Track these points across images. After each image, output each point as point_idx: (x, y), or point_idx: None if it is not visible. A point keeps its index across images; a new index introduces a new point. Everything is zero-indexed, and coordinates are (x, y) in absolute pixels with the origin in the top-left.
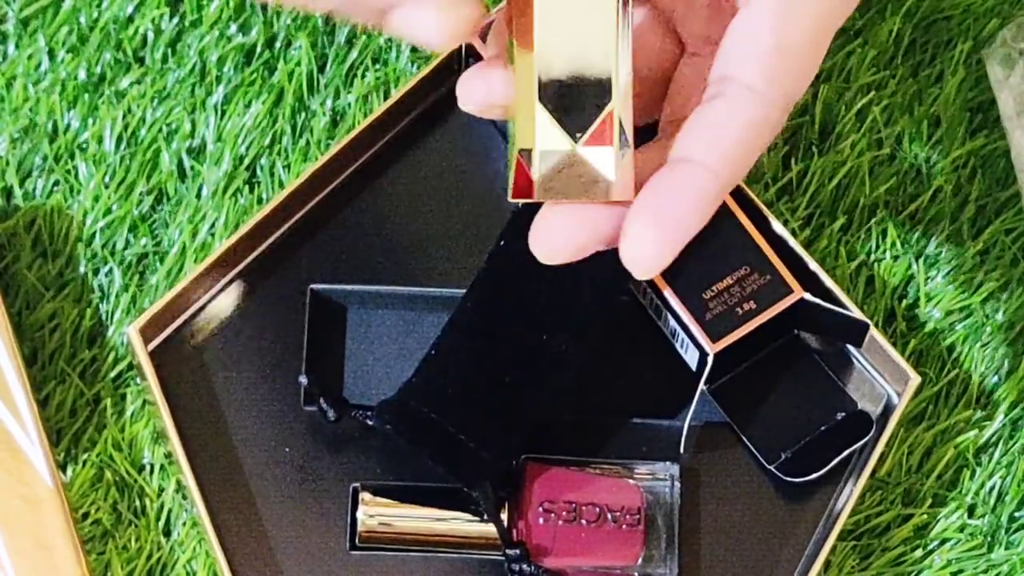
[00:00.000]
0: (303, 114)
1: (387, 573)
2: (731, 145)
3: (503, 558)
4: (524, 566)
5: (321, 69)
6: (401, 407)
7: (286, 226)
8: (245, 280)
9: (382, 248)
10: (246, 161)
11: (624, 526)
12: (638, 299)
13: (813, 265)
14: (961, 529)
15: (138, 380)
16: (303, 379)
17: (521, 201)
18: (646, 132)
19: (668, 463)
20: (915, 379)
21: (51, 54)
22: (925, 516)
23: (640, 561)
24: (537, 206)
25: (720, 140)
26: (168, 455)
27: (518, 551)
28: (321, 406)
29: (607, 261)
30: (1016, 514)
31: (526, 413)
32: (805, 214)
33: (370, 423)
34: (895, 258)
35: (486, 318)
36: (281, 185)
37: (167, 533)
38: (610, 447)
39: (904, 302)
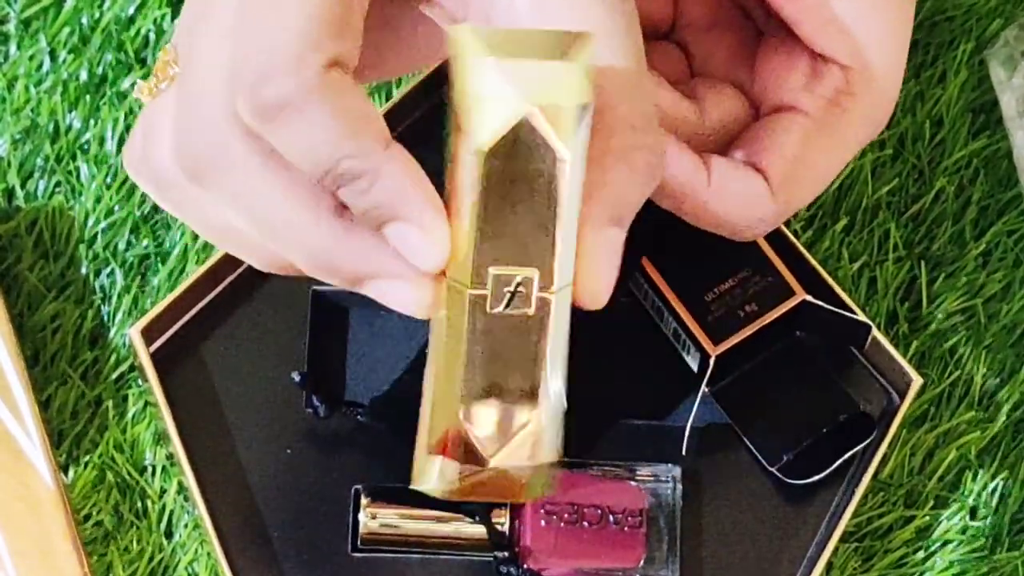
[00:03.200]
0: None
1: (388, 575)
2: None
3: (491, 560)
4: (512, 569)
5: None
6: (395, 405)
7: None
8: (247, 282)
9: None
10: None
11: (626, 528)
12: (639, 300)
13: (815, 266)
14: (963, 531)
15: (140, 382)
16: (295, 375)
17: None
18: None
19: (670, 465)
20: (917, 381)
21: (52, 55)
22: (927, 518)
23: (642, 563)
24: None
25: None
26: (170, 456)
27: (506, 553)
28: (313, 402)
29: None
30: (1018, 516)
31: None
32: (807, 215)
33: (361, 419)
34: (897, 259)
35: None
36: None
37: (169, 535)
38: (612, 449)
39: (906, 304)
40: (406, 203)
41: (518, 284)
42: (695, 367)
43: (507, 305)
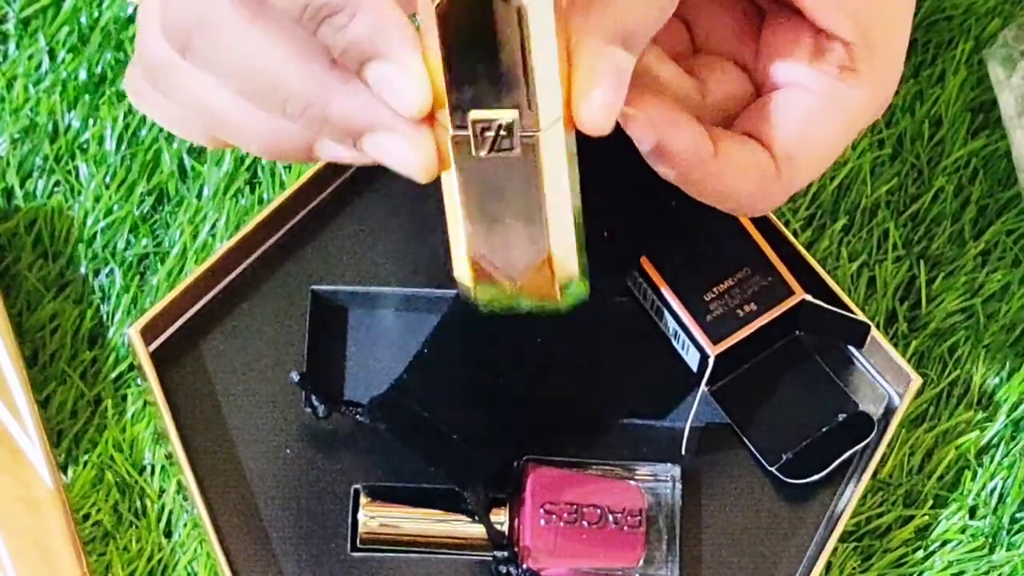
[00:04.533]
0: None
1: (388, 574)
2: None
3: (490, 559)
4: (511, 568)
5: None
6: (393, 405)
7: (287, 227)
8: (246, 281)
9: (383, 248)
10: (247, 161)
11: (625, 528)
12: (638, 299)
13: (814, 266)
14: (962, 530)
15: (139, 381)
16: (294, 375)
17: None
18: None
19: (669, 464)
20: (916, 380)
21: (52, 54)
22: (926, 517)
23: (641, 563)
24: None
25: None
26: (169, 456)
27: (506, 553)
28: (311, 402)
29: (601, 261)
30: (1017, 515)
31: (519, 414)
32: (806, 215)
33: (360, 419)
34: (896, 259)
35: (478, 318)
36: (282, 185)
37: (168, 534)
38: (611, 448)
39: (905, 303)
40: (385, 40)
41: (499, 127)
42: (694, 366)
43: (491, 148)
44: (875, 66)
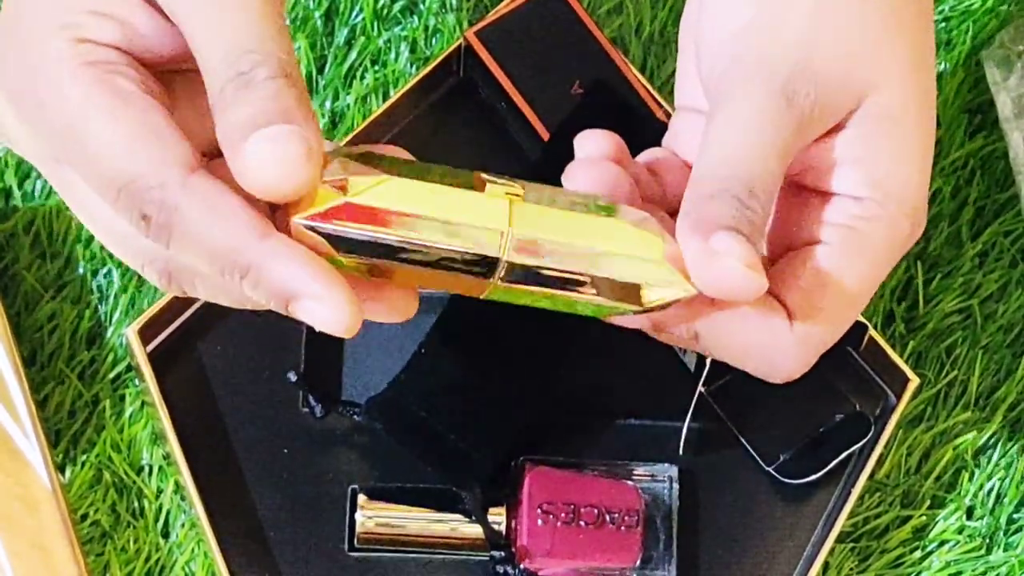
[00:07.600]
0: None
1: (386, 574)
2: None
3: (488, 559)
4: (508, 568)
5: (320, 70)
6: (390, 405)
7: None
8: None
9: None
10: None
11: (623, 527)
12: None
13: None
14: (960, 531)
15: (137, 381)
16: (291, 375)
17: None
18: None
19: (667, 464)
20: (914, 381)
21: None
22: (924, 518)
23: (638, 562)
24: None
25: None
26: (167, 456)
27: (503, 553)
28: (309, 402)
29: None
30: (1015, 515)
31: (516, 414)
32: None
33: (357, 419)
34: None
35: (475, 318)
36: None
37: (166, 534)
38: (609, 448)
39: (903, 304)
40: (297, 283)
41: None
42: (692, 367)
43: None
44: (892, 208)
